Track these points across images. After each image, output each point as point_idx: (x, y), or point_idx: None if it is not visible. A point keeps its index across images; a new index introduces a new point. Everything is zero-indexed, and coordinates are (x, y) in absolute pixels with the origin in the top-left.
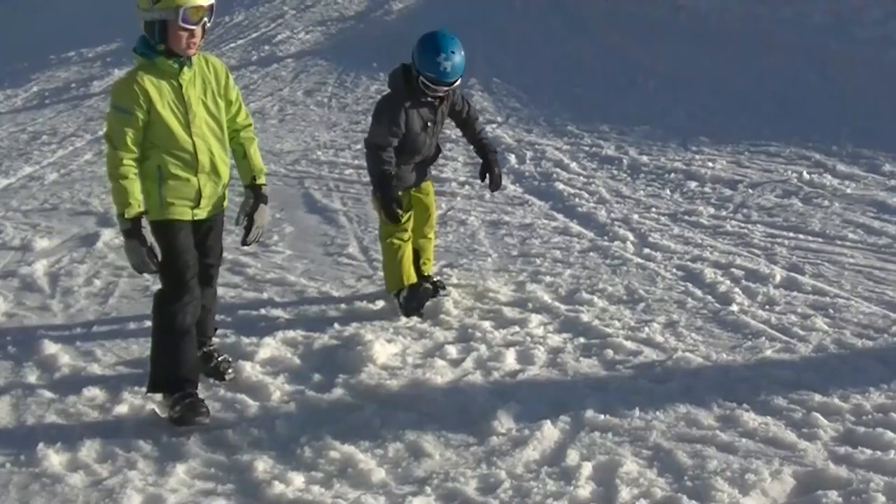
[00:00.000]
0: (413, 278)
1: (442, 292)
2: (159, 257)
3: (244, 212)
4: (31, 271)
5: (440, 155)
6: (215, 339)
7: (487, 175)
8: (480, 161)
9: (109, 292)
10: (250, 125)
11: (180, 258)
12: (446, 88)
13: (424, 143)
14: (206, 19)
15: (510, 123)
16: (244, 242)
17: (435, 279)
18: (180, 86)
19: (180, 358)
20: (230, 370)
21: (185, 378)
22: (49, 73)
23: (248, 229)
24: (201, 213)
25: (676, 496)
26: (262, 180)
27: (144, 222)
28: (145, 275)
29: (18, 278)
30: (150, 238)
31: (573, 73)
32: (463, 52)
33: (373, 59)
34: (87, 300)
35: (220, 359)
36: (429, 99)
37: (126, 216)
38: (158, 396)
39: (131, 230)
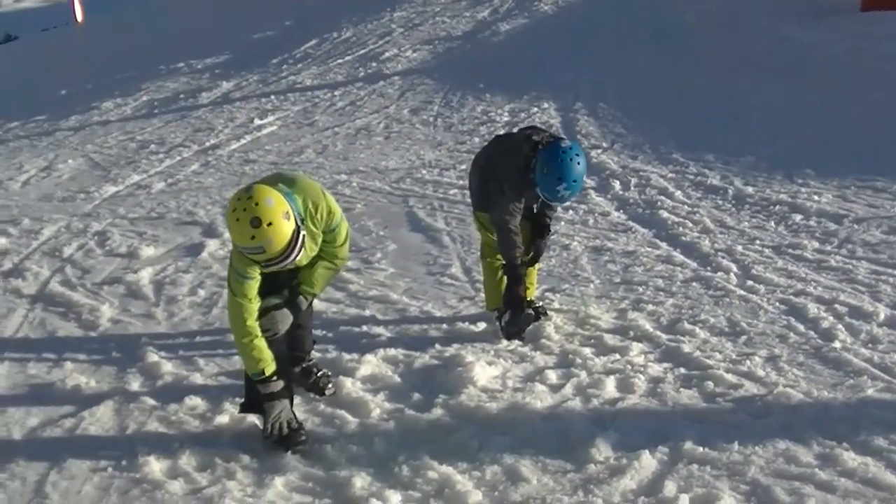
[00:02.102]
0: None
1: (543, 318)
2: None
3: (268, 302)
4: (137, 279)
5: (543, 235)
6: (315, 354)
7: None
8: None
9: (213, 302)
10: (337, 261)
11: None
12: (557, 204)
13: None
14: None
15: (615, 149)
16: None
17: (537, 305)
18: None
19: None
20: (330, 385)
21: None
22: (158, 82)
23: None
24: None
25: None
26: (307, 294)
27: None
28: None
29: (124, 285)
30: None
31: (678, 102)
32: (584, 166)
33: (479, 80)
34: (191, 309)
35: (319, 374)
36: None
37: (266, 374)
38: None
39: (278, 392)
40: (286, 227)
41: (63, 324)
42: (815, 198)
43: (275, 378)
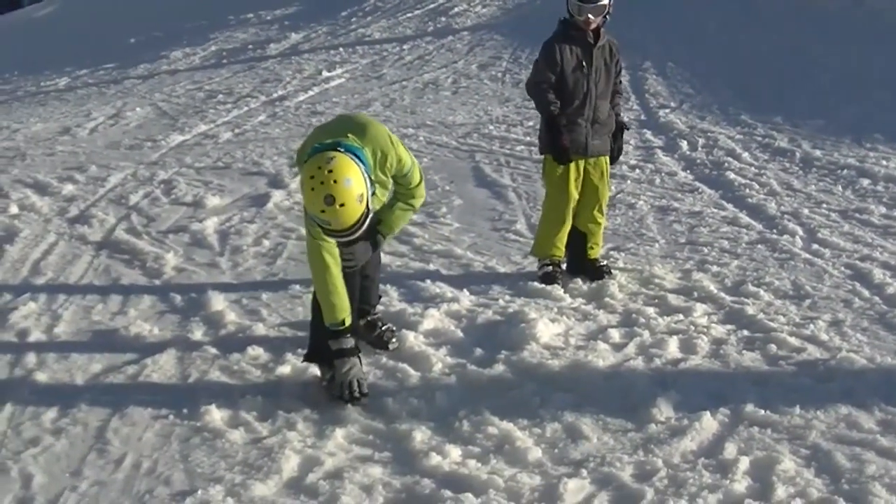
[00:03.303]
0: (560, 254)
1: (607, 276)
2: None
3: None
4: (202, 228)
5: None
6: (379, 308)
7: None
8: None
9: (278, 253)
10: (414, 200)
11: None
12: (591, 6)
13: (583, 88)
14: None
15: (683, 109)
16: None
17: (601, 264)
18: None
19: None
20: (394, 339)
21: None
22: (227, 33)
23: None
24: None
25: (832, 498)
26: (384, 233)
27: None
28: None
29: (189, 234)
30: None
31: (747, 63)
32: None
33: (548, 36)
34: (255, 259)
35: (384, 328)
36: (583, 36)
37: (343, 326)
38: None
39: (352, 349)
40: (357, 210)
41: (127, 271)
42: (884, 162)
43: (349, 333)
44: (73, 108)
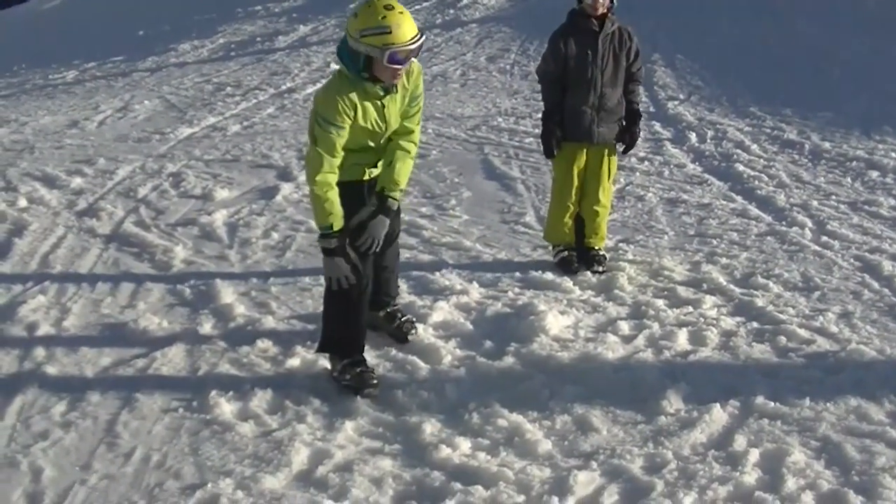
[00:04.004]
0: (571, 238)
1: (597, 267)
2: (361, 269)
3: (360, 217)
4: (211, 220)
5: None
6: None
7: (627, 137)
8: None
9: (286, 246)
10: (412, 139)
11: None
12: None
13: (587, 75)
14: (413, 57)
15: (692, 101)
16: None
17: (594, 251)
18: (383, 106)
19: (350, 323)
20: (413, 331)
21: (354, 342)
22: (235, 25)
23: (357, 235)
24: (375, 171)
25: (843, 490)
26: (393, 194)
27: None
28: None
29: (198, 227)
30: (353, 254)
31: (756, 55)
32: None
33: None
34: (265, 252)
35: (403, 319)
36: (588, 24)
37: (334, 229)
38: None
39: (337, 248)
40: (413, 23)
41: (136, 264)
42: (893, 154)
43: (337, 235)
44: (81, 100)
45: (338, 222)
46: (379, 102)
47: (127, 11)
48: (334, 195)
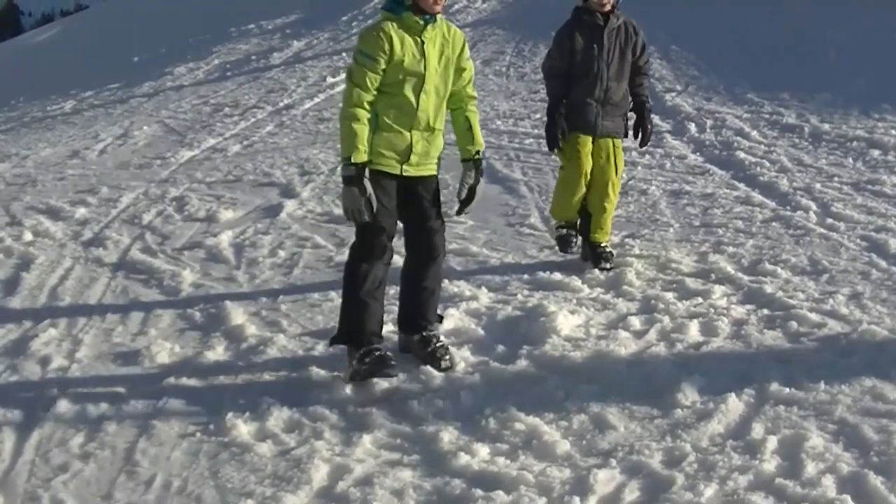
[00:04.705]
0: (575, 216)
1: (604, 264)
2: (375, 208)
3: (466, 183)
4: (217, 242)
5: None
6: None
7: (640, 131)
8: (653, 128)
9: (294, 263)
10: (475, 99)
11: (378, 212)
12: None
13: (593, 68)
14: None
15: (689, 91)
16: (459, 213)
17: (601, 248)
18: (422, 42)
19: (365, 313)
20: (447, 357)
21: (370, 333)
22: (230, 45)
23: (466, 201)
24: (410, 170)
25: (863, 472)
26: (478, 152)
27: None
28: (329, 245)
29: (204, 249)
30: (370, 188)
31: (752, 42)
32: None
33: (550, 28)
34: (272, 271)
35: (438, 345)
36: (594, 19)
37: (353, 160)
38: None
39: (354, 177)
40: None
41: (145, 291)
42: (893, 132)
43: (356, 166)
44: (80, 130)
45: (358, 156)
46: (419, 38)
47: (120, 38)
48: (361, 129)
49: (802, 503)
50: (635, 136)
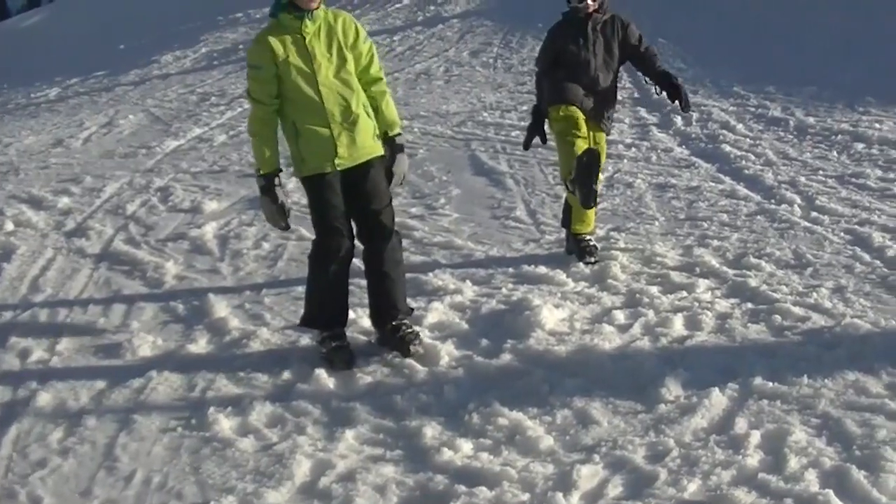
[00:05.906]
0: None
1: (589, 258)
2: (289, 215)
3: (385, 164)
4: (201, 234)
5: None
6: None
7: (677, 100)
8: (664, 91)
9: (278, 255)
10: (381, 79)
11: (327, 210)
12: None
13: (582, 57)
14: None
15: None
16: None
17: (584, 242)
18: (303, 38)
19: (327, 300)
20: (417, 341)
21: (333, 319)
22: (217, 34)
23: (388, 180)
24: (344, 163)
25: (845, 466)
26: (395, 131)
27: (287, 181)
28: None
29: (188, 241)
30: (282, 197)
31: (738, 34)
32: None
33: (538, 20)
34: (256, 263)
35: (408, 331)
36: (578, 19)
37: (262, 172)
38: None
39: (265, 187)
40: None
41: (128, 282)
42: (877, 125)
43: (267, 177)
44: (64, 118)
45: (266, 167)
46: (298, 35)
47: (107, 25)
48: (265, 141)
49: (785, 498)
50: (672, 101)
